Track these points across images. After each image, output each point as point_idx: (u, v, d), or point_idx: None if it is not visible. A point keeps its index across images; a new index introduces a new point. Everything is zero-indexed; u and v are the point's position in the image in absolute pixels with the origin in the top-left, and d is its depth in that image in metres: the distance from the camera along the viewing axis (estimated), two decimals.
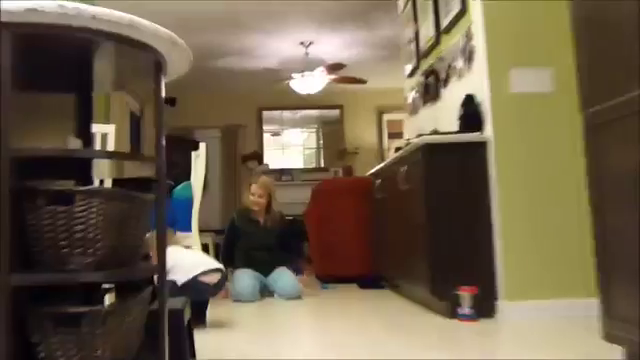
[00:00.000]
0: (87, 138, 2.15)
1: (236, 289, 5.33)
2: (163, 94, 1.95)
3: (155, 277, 1.91)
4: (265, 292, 5.60)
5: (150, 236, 1.87)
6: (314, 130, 11.31)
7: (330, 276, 6.37)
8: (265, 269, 5.67)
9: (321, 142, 11.30)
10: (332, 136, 11.30)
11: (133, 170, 6.73)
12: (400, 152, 4.59)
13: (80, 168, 2.08)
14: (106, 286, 2.07)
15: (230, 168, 10.88)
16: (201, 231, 5.39)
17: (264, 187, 5.60)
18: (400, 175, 4.57)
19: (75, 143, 2.07)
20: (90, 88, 2.17)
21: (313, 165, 11.12)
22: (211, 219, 9.95)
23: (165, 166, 1.90)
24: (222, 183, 10.78)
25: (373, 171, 5.71)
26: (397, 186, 4.68)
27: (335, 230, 6.38)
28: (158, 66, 1.95)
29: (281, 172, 10.81)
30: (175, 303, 2.43)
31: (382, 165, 5.33)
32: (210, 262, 3.97)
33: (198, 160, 4.89)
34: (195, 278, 3.76)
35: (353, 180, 6.95)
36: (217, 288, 3.93)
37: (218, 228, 8.54)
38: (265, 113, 11.26)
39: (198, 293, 3.74)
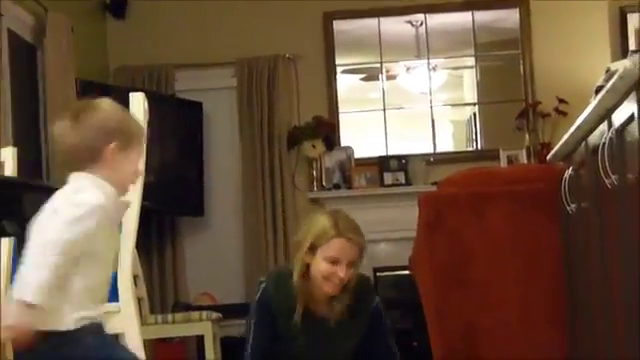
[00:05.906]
0: None
1: None
2: None
3: None
4: None
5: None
6: (465, 65, 7.91)
7: None
8: None
9: (476, 92, 7.59)
10: (504, 76, 7.84)
11: None
12: (602, 94, 3.05)
13: None
14: None
15: (257, 159, 7.10)
16: (189, 308, 5.21)
17: (358, 252, 3.59)
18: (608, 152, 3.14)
19: None
20: None
21: (463, 145, 7.68)
22: (215, 282, 6.89)
23: None
24: (242, 196, 7.08)
25: (559, 148, 4.06)
26: (602, 180, 3.12)
27: (484, 294, 4.38)
28: None
29: (382, 164, 7.14)
30: None
31: (574, 132, 3.61)
32: None
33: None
34: None
35: (522, 173, 4.83)
36: None
37: (233, 302, 6.29)
38: (339, 25, 7.57)
39: None
